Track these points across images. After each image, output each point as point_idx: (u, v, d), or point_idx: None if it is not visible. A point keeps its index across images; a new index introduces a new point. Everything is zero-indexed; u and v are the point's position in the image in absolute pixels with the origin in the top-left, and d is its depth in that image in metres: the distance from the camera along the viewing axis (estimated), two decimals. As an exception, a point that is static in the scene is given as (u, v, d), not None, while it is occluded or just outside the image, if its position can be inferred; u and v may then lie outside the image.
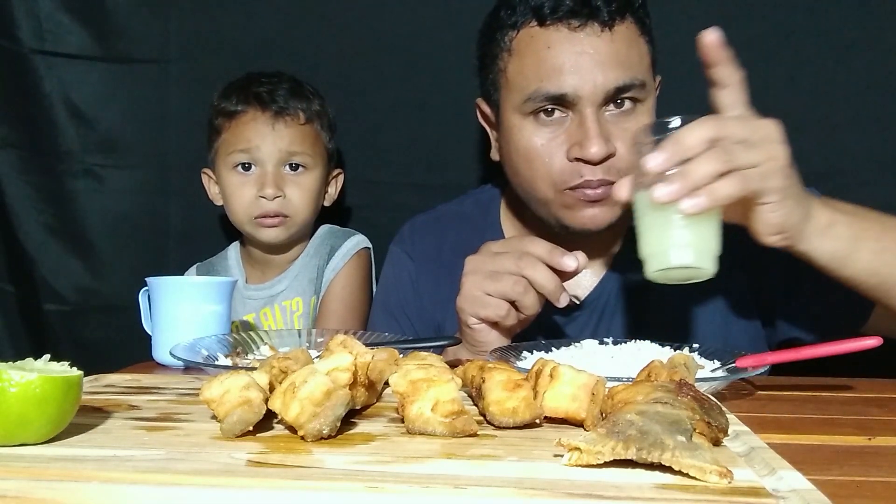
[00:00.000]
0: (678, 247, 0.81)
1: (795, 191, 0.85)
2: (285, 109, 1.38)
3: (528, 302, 0.96)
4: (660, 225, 0.82)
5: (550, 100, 1.04)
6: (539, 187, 1.08)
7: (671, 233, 0.81)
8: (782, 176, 0.82)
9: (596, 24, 1.02)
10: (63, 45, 1.54)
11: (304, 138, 1.39)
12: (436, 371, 0.63)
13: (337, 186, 1.50)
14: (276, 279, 1.46)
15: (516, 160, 1.10)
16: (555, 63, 1.03)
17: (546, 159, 1.06)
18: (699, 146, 0.80)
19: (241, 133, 1.37)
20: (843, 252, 0.89)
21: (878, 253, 0.89)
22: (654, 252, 0.83)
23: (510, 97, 1.08)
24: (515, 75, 1.07)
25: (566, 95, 1.03)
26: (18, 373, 0.55)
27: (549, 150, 1.05)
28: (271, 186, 1.36)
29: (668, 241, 0.82)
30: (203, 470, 0.51)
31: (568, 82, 1.02)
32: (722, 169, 0.79)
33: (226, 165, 1.40)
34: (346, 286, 1.43)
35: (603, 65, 1.02)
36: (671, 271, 0.83)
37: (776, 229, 0.86)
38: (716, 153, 0.79)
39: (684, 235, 0.81)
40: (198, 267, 1.53)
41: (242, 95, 1.38)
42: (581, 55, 1.02)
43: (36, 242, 1.58)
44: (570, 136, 1.04)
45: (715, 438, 0.56)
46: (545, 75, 1.03)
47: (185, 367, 0.95)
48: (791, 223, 0.86)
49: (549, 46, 1.03)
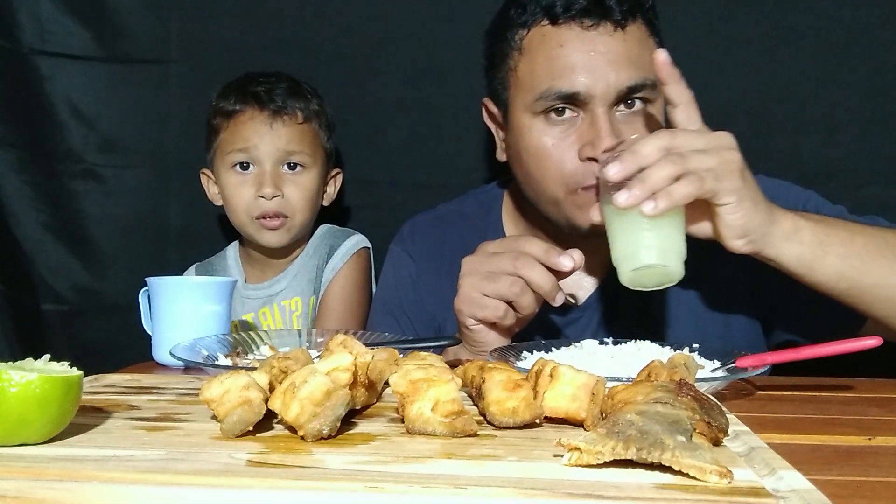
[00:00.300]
0: (644, 248, 0.87)
1: (752, 194, 0.88)
2: (283, 108, 1.38)
3: (526, 302, 0.96)
4: (626, 230, 0.89)
5: (562, 98, 1.03)
6: (549, 187, 1.07)
7: (637, 236, 0.87)
8: (737, 177, 0.87)
9: (608, 23, 1.02)
10: (64, 45, 1.54)
11: (303, 137, 1.39)
12: (436, 371, 0.63)
13: (336, 186, 1.50)
14: (276, 279, 1.46)
15: (526, 160, 1.09)
16: (567, 62, 1.02)
17: (557, 159, 1.05)
18: (655, 154, 0.85)
19: (240, 132, 1.37)
20: (810, 256, 0.90)
21: (845, 258, 0.91)
22: (622, 256, 0.89)
23: (520, 96, 1.08)
24: (526, 74, 1.06)
25: (578, 94, 1.02)
26: (18, 373, 0.55)
27: (560, 150, 1.05)
28: (270, 186, 1.36)
29: (634, 244, 0.88)
30: (203, 470, 0.51)
31: (580, 81, 1.02)
32: (677, 172, 0.85)
33: (224, 165, 1.39)
34: (346, 286, 1.43)
35: (615, 64, 1.01)
36: (642, 274, 0.88)
37: (739, 232, 0.89)
38: (671, 159, 0.85)
39: (649, 237, 0.87)
40: (197, 267, 1.53)
41: (240, 95, 1.38)
42: (594, 54, 1.02)
43: (35, 242, 1.58)
44: (581, 135, 1.03)
45: (715, 438, 0.56)
46: (557, 74, 1.03)
47: (185, 367, 0.95)
48: (752, 225, 0.88)
49: (561, 45, 1.03)
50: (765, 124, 1.41)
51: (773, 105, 1.42)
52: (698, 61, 1.41)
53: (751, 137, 1.23)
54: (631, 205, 0.84)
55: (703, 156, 0.86)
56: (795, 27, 1.40)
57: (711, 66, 1.41)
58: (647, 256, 0.87)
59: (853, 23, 1.39)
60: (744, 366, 0.82)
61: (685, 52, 1.42)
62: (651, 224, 0.86)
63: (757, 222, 0.88)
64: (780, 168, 1.07)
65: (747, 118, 1.39)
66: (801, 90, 1.41)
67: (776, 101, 1.42)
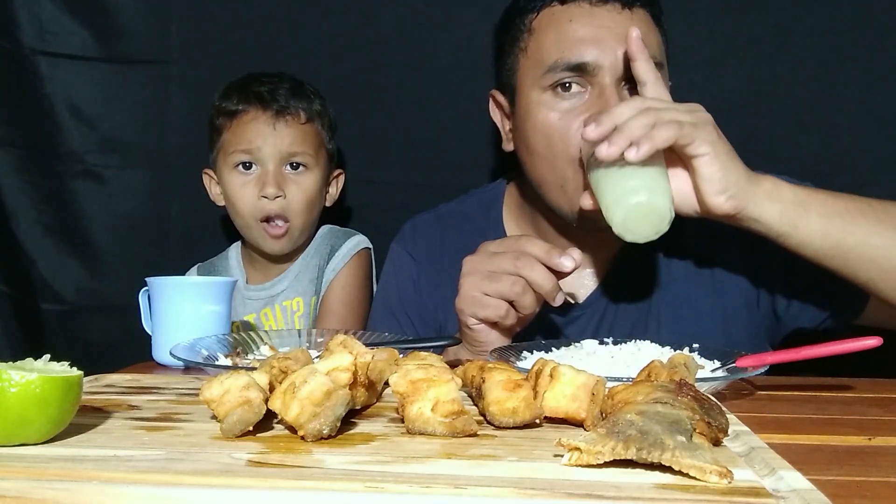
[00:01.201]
0: (631, 190, 0.90)
1: (728, 149, 0.92)
2: (286, 109, 1.38)
3: (527, 302, 0.96)
4: (613, 183, 0.92)
5: (571, 69, 1.04)
6: (558, 166, 1.06)
7: (623, 183, 0.91)
8: (712, 130, 0.91)
9: (617, 3, 1.05)
10: (64, 45, 1.54)
11: (305, 138, 1.39)
12: (436, 371, 0.63)
13: (338, 187, 1.50)
14: (277, 279, 1.46)
15: (534, 139, 1.09)
16: (576, 35, 1.05)
17: (563, 133, 1.05)
18: (630, 111, 0.90)
19: (242, 133, 1.38)
20: (792, 214, 0.92)
21: (826, 216, 0.93)
22: (612, 202, 0.92)
23: (530, 72, 1.09)
24: (536, 51, 1.09)
25: (587, 65, 1.03)
26: (18, 373, 0.55)
27: (567, 123, 1.05)
28: (272, 185, 1.36)
29: (621, 190, 0.91)
30: (203, 470, 0.51)
31: (589, 52, 1.04)
32: (654, 121, 0.88)
33: (227, 165, 1.40)
34: (347, 286, 1.43)
35: (623, 39, 1.02)
36: (634, 220, 0.90)
37: (719, 186, 0.91)
38: (647, 112, 0.90)
39: (635, 181, 0.90)
40: (199, 267, 1.53)
41: (243, 95, 1.39)
42: (602, 29, 1.04)
43: (35, 242, 1.57)
44: (589, 107, 1.04)
45: (715, 438, 0.56)
46: (567, 46, 1.05)
47: (185, 367, 0.95)
48: (731, 179, 0.91)
49: (570, 20, 1.06)
50: (765, 124, 1.41)
51: (773, 105, 1.42)
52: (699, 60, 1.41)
53: (751, 137, 1.23)
54: (613, 154, 0.88)
55: (676, 111, 0.91)
56: (795, 27, 1.40)
57: (711, 66, 1.41)
58: (636, 196, 0.89)
59: (853, 23, 1.39)
60: (744, 366, 0.82)
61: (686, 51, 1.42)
62: (634, 170, 0.90)
63: (735, 177, 0.91)
64: (780, 168, 1.07)
65: (747, 118, 1.39)
66: (801, 90, 1.41)
67: (776, 101, 1.42)
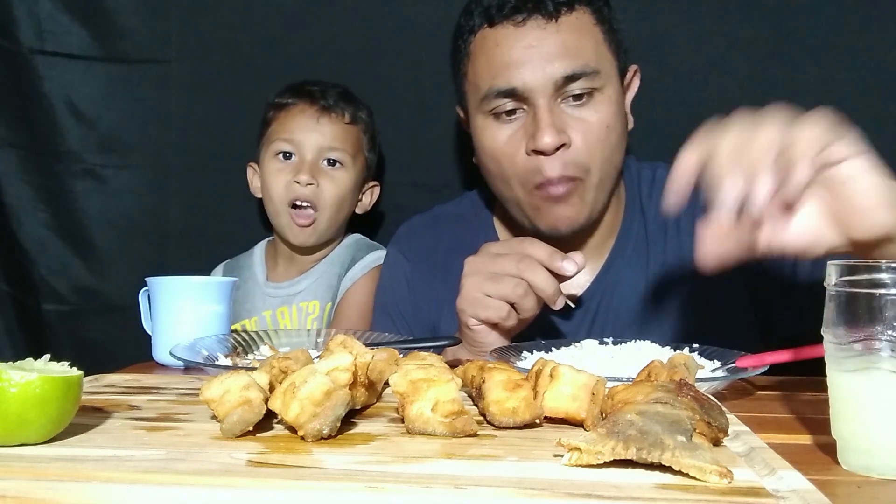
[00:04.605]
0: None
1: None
2: (332, 107, 1.43)
3: (528, 305, 0.97)
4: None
5: (503, 95, 1.05)
6: (512, 187, 1.10)
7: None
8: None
9: (539, 16, 1.04)
10: (63, 45, 1.54)
11: (346, 137, 1.43)
12: (436, 371, 0.63)
13: (372, 198, 1.52)
14: (297, 279, 1.48)
15: (485, 161, 1.12)
16: (502, 59, 1.05)
17: (509, 157, 1.07)
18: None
19: (287, 123, 1.42)
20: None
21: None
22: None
23: (472, 98, 1.12)
24: (473, 77, 1.11)
25: (516, 89, 1.04)
26: (18, 373, 0.55)
27: (511, 147, 1.07)
28: (306, 173, 1.39)
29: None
30: (203, 470, 0.51)
31: (516, 76, 1.04)
32: None
33: (269, 154, 1.44)
34: (362, 296, 1.44)
35: (549, 55, 1.03)
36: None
37: (875, 197, 0.73)
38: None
39: None
40: (225, 265, 1.54)
41: (295, 91, 1.45)
42: (527, 49, 1.04)
43: (36, 242, 1.58)
44: (526, 129, 1.06)
45: (715, 438, 0.56)
46: (495, 72, 1.06)
47: (185, 367, 0.95)
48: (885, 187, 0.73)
49: (497, 44, 1.06)
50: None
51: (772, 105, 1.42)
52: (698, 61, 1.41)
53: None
54: None
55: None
56: (795, 27, 1.40)
57: (711, 66, 1.41)
58: None
59: (853, 23, 1.39)
60: (744, 366, 0.83)
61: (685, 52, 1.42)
62: None
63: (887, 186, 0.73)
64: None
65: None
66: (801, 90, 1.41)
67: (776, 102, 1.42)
